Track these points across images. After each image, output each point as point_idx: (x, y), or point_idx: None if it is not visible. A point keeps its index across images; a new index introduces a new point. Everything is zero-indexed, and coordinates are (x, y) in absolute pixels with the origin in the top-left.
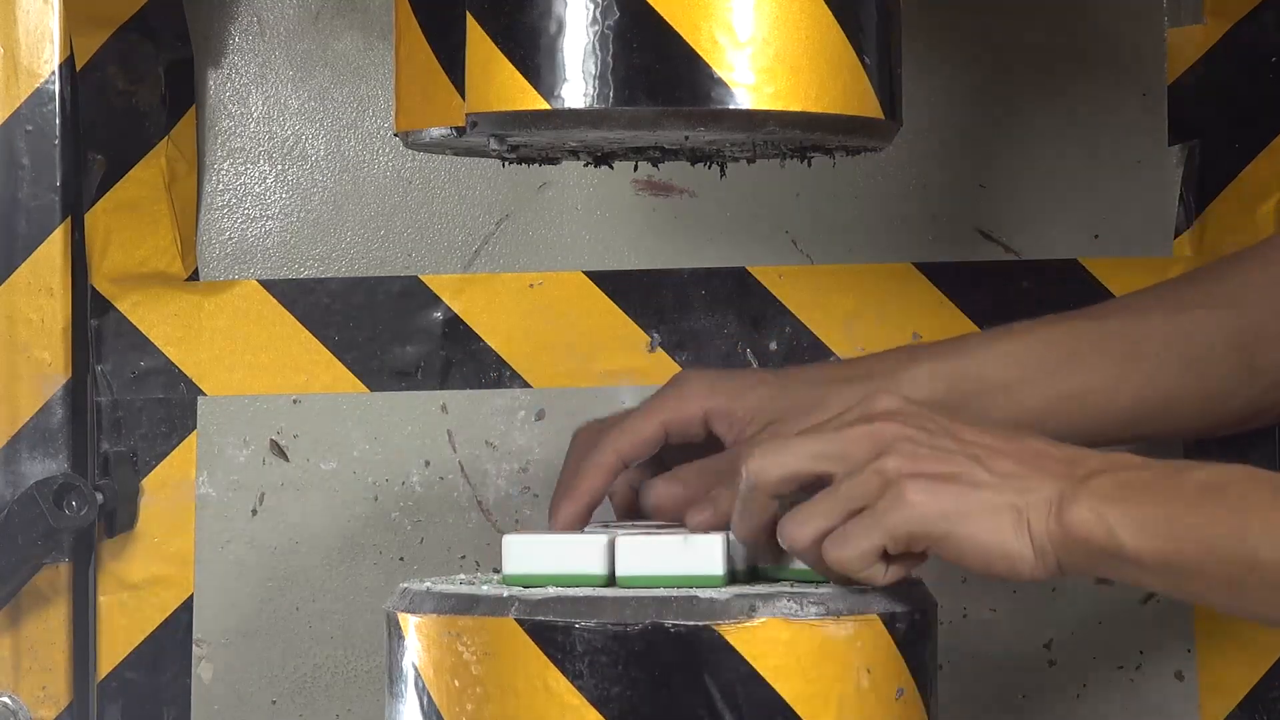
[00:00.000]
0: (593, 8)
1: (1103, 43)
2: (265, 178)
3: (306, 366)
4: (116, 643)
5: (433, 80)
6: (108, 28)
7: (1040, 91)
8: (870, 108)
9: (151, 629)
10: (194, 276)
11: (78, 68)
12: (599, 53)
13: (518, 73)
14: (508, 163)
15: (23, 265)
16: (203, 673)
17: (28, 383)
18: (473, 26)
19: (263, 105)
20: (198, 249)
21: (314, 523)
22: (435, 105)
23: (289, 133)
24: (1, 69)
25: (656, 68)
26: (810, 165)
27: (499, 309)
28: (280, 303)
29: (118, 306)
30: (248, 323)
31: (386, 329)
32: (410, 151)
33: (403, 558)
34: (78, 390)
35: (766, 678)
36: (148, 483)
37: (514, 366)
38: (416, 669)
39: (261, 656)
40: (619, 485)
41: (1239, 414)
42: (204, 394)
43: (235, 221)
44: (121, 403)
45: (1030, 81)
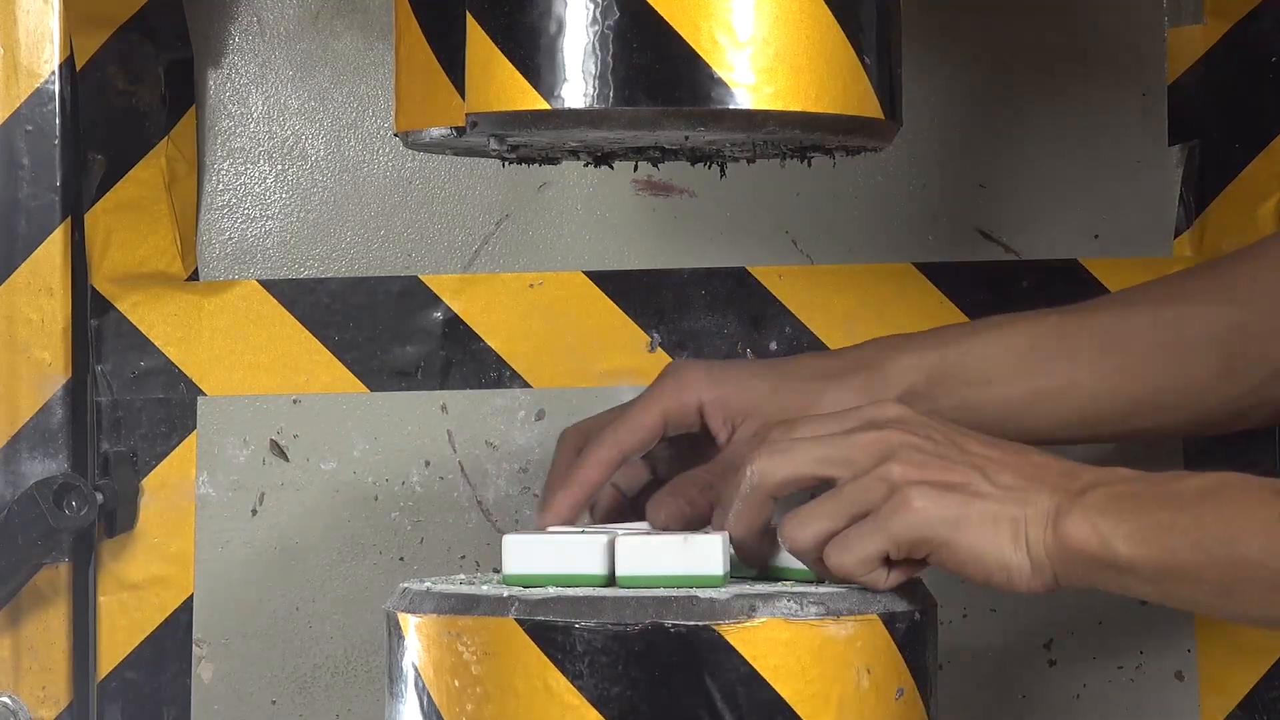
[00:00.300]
0: (593, 8)
1: (1103, 43)
2: (265, 178)
3: (306, 366)
4: (116, 643)
5: (433, 80)
6: (108, 28)
7: (1040, 91)
8: (870, 108)
9: (151, 629)
10: (194, 276)
11: (78, 68)
12: (599, 53)
13: (518, 73)
14: (508, 163)
15: (23, 265)
16: (203, 673)
17: (28, 383)
18: (473, 26)
19: (263, 105)
20: (198, 249)
21: (314, 523)
22: (435, 105)
23: (289, 133)
24: (1, 69)
25: (656, 68)
26: (810, 165)
27: (499, 309)
28: (280, 303)
29: (118, 306)
30: (248, 323)
31: (386, 329)
32: (410, 151)
33: (403, 558)
34: (78, 390)
35: (766, 678)
36: (148, 483)
37: (514, 366)
38: (416, 669)
39: (261, 656)
40: (604, 489)
41: (1223, 412)
42: (204, 394)
43: (235, 221)
44: (121, 403)
45: (1030, 81)
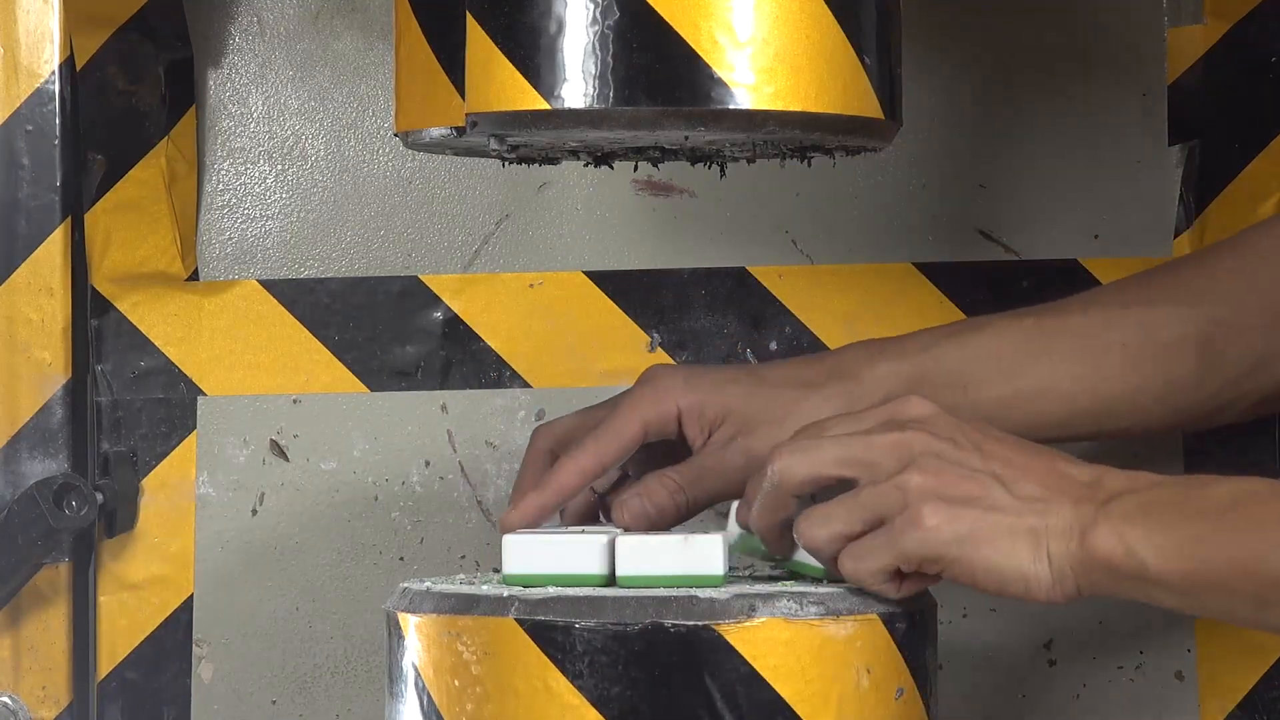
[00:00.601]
0: (593, 8)
1: (1103, 43)
2: (265, 178)
3: (306, 366)
4: (116, 643)
5: (433, 80)
6: (108, 28)
7: (1040, 91)
8: (870, 108)
9: (151, 629)
10: (194, 276)
11: (78, 68)
12: (599, 53)
13: (518, 73)
14: (508, 163)
15: (23, 265)
16: (203, 673)
17: (28, 383)
18: (473, 26)
19: (263, 105)
20: (198, 249)
21: (314, 523)
22: (435, 105)
23: (289, 133)
24: (1, 69)
25: (656, 68)
26: (810, 165)
27: (499, 309)
28: (280, 303)
29: (118, 306)
30: (248, 323)
31: (386, 329)
32: (410, 151)
33: (403, 558)
34: (78, 390)
35: (766, 678)
36: (148, 483)
37: (514, 366)
38: (416, 669)
39: (261, 656)
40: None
41: (1201, 409)
42: (204, 394)
43: (235, 221)
44: (121, 403)
45: (1030, 81)
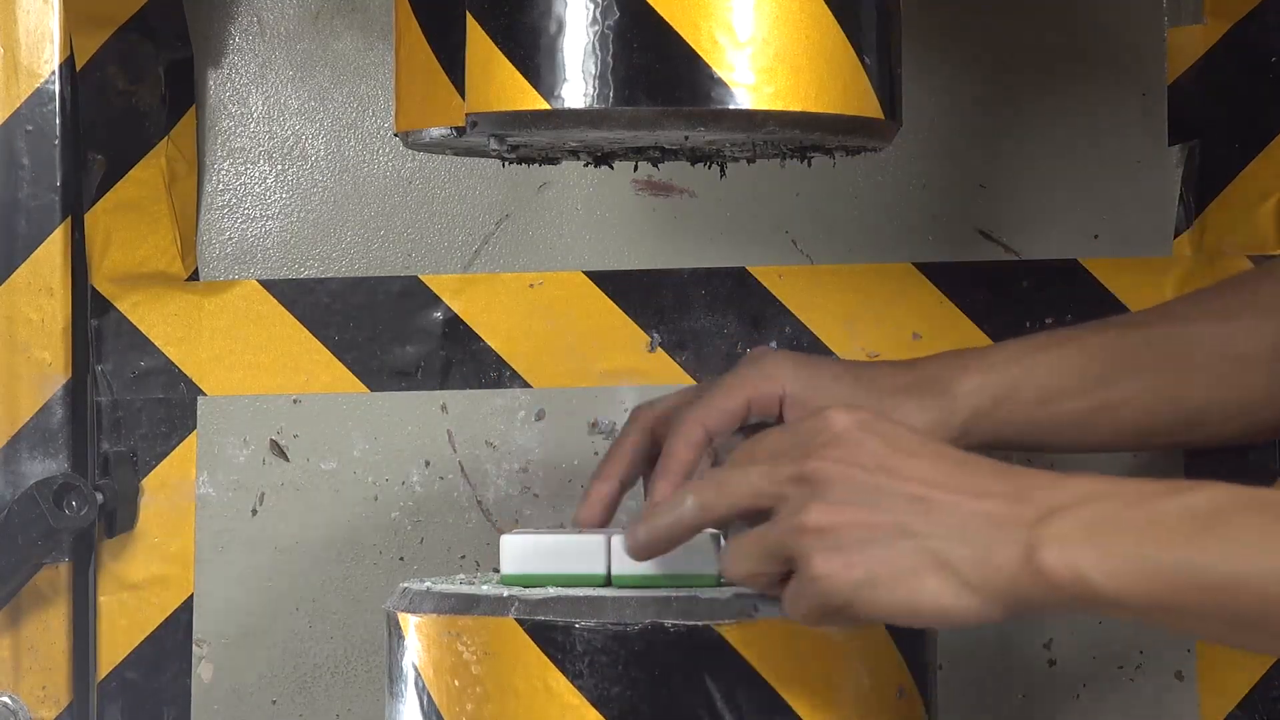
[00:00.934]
0: (593, 8)
1: (1103, 43)
2: (265, 178)
3: (306, 366)
4: (116, 643)
5: (433, 80)
6: (108, 28)
7: (1040, 91)
8: (870, 108)
9: (151, 629)
10: (194, 276)
11: (78, 68)
12: (599, 53)
13: (518, 73)
14: (508, 163)
15: (23, 265)
16: (203, 673)
17: (28, 383)
18: (473, 26)
19: (263, 105)
20: (198, 249)
21: (314, 522)
22: (435, 105)
23: (289, 133)
24: (1, 69)
25: (656, 68)
26: (810, 165)
27: (499, 309)
28: (280, 303)
29: (118, 306)
30: (248, 323)
31: (386, 329)
32: (410, 151)
33: (403, 558)
34: (78, 390)
35: (766, 678)
36: (148, 483)
37: (514, 366)
38: (416, 669)
39: (261, 656)
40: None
41: (1278, 421)
42: (204, 394)
43: (235, 221)
44: (121, 403)
45: (1030, 81)
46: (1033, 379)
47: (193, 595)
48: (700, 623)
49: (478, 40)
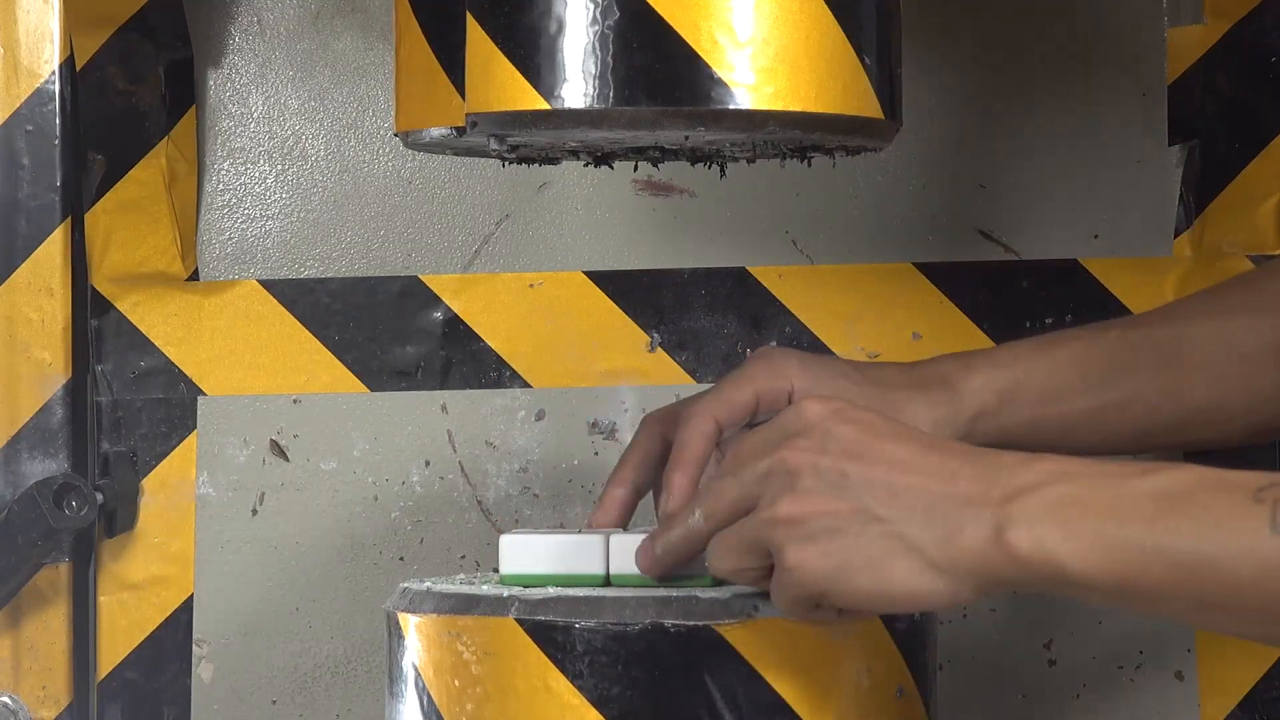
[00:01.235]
0: (593, 8)
1: (1103, 43)
2: (265, 178)
3: (306, 366)
4: (116, 643)
5: (433, 80)
6: (108, 28)
7: (1040, 92)
8: (870, 108)
9: (151, 629)
10: (194, 276)
11: (78, 68)
12: (599, 53)
13: (518, 73)
14: (508, 163)
15: (23, 265)
16: (203, 673)
17: (28, 383)
18: (473, 26)
19: (263, 105)
20: (198, 249)
21: (314, 523)
22: (435, 105)
23: (289, 133)
24: (1, 69)
25: (656, 68)
26: (810, 165)
27: (499, 309)
28: (280, 303)
29: (118, 306)
30: (248, 323)
31: (386, 329)
32: (410, 151)
33: (403, 558)
34: (78, 390)
35: (766, 678)
36: (148, 483)
37: (514, 366)
38: (416, 669)
39: (261, 656)
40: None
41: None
42: (204, 394)
43: (235, 221)
44: (121, 403)
45: (1030, 82)
46: (1036, 378)
47: (193, 595)
48: (700, 623)
49: (478, 40)
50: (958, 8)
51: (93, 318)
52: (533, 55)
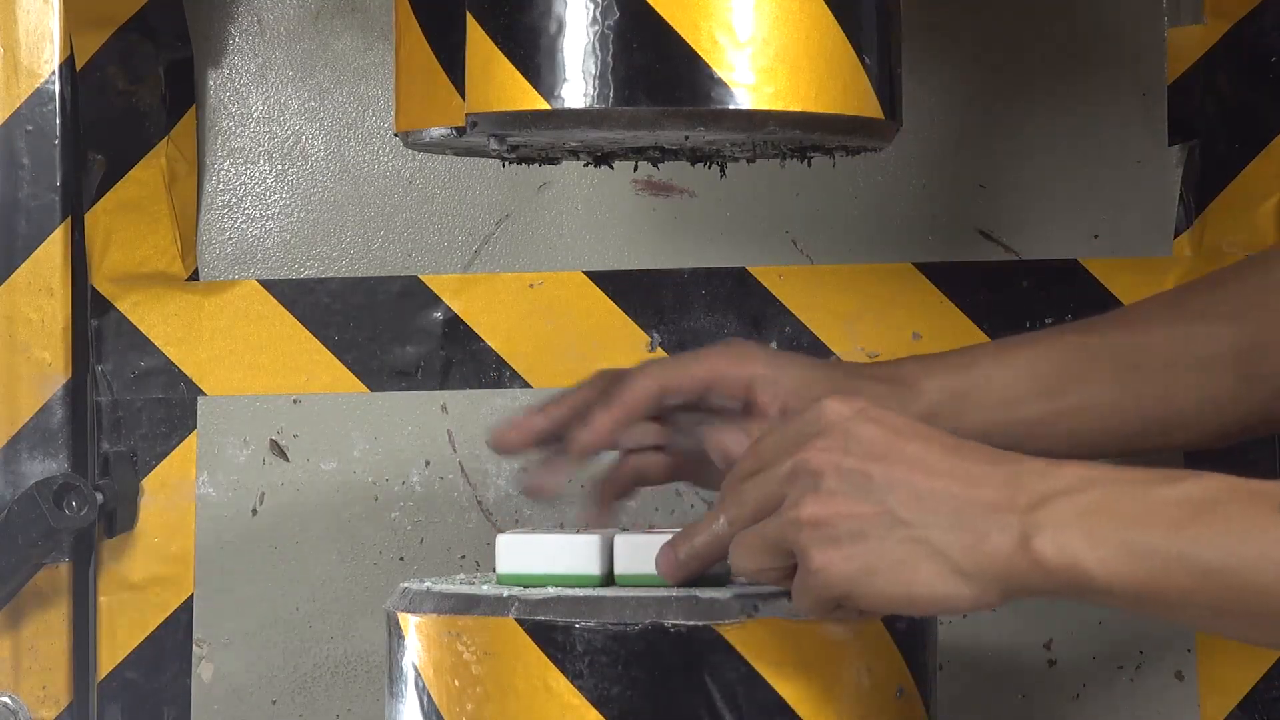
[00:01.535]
0: (593, 8)
1: (1103, 43)
2: (265, 178)
3: (306, 366)
4: (116, 643)
5: (433, 80)
6: (108, 28)
7: (1040, 92)
8: (870, 108)
9: (151, 629)
10: (194, 276)
11: (78, 68)
12: (599, 53)
13: (518, 73)
14: (508, 163)
15: (23, 265)
16: (203, 673)
17: (28, 383)
18: (473, 26)
19: (263, 105)
20: (198, 249)
21: (314, 523)
22: (435, 105)
23: (289, 133)
24: (1, 69)
25: (656, 68)
26: (810, 165)
27: (499, 309)
28: (280, 303)
29: (118, 306)
30: (248, 323)
31: (386, 329)
32: (410, 151)
33: (403, 558)
34: (78, 390)
35: (766, 678)
36: (148, 483)
37: (514, 366)
38: (416, 669)
39: (261, 656)
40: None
41: (1239, 425)
42: (204, 394)
43: (235, 221)
44: (121, 403)
45: (1030, 81)
46: (991, 383)
47: (193, 595)
48: (700, 623)
49: (478, 40)
50: (958, 8)
51: (93, 318)
52: (533, 55)
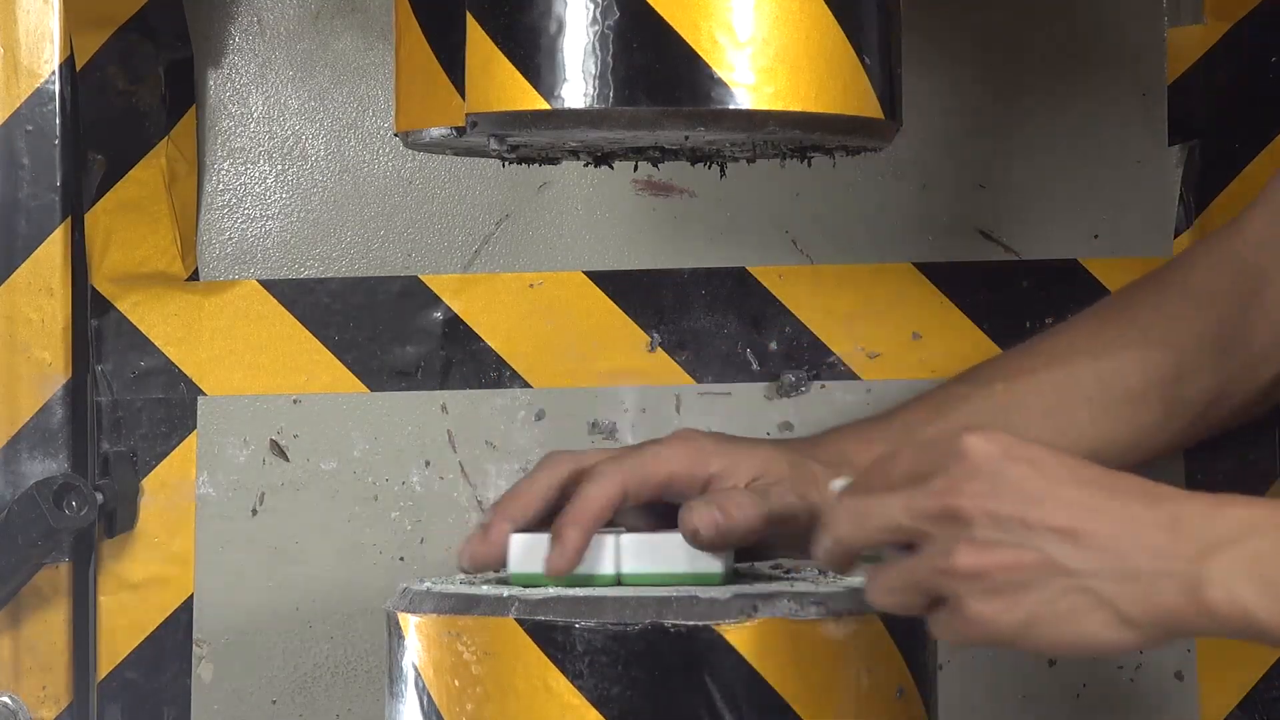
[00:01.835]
0: (593, 8)
1: (1103, 43)
2: (265, 178)
3: (306, 366)
4: (116, 643)
5: (433, 80)
6: (108, 28)
7: (1040, 92)
8: (870, 108)
9: (151, 629)
10: (194, 276)
11: (78, 68)
12: (599, 53)
13: (518, 73)
14: (508, 163)
15: (23, 265)
16: (203, 673)
17: (28, 383)
18: (473, 26)
19: (263, 105)
20: (198, 249)
21: (314, 523)
22: (435, 105)
23: (289, 133)
24: (1, 69)
25: (656, 68)
26: (810, 165)
27: (499, 309)
28: (280, 303)
29: (118, 306)
30: (248, 323)
31: (386, 329)
32: (410, 151)
33: (403, 558)
34: (78, 390)
35: (766, 678)
36: (148, 483)
37: (514, 366)
38: (416, 669)
39: (261, 656)
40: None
41: (1168, 446)
42: (204, 394)
43: (235, 221)
44: (121, 403)
45: (1030, 81)
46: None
47: (193, 595)
48: (700, 623)
49: (478, 40)
50: (957, 8)
51: (93, 318)
52: (533, 55)
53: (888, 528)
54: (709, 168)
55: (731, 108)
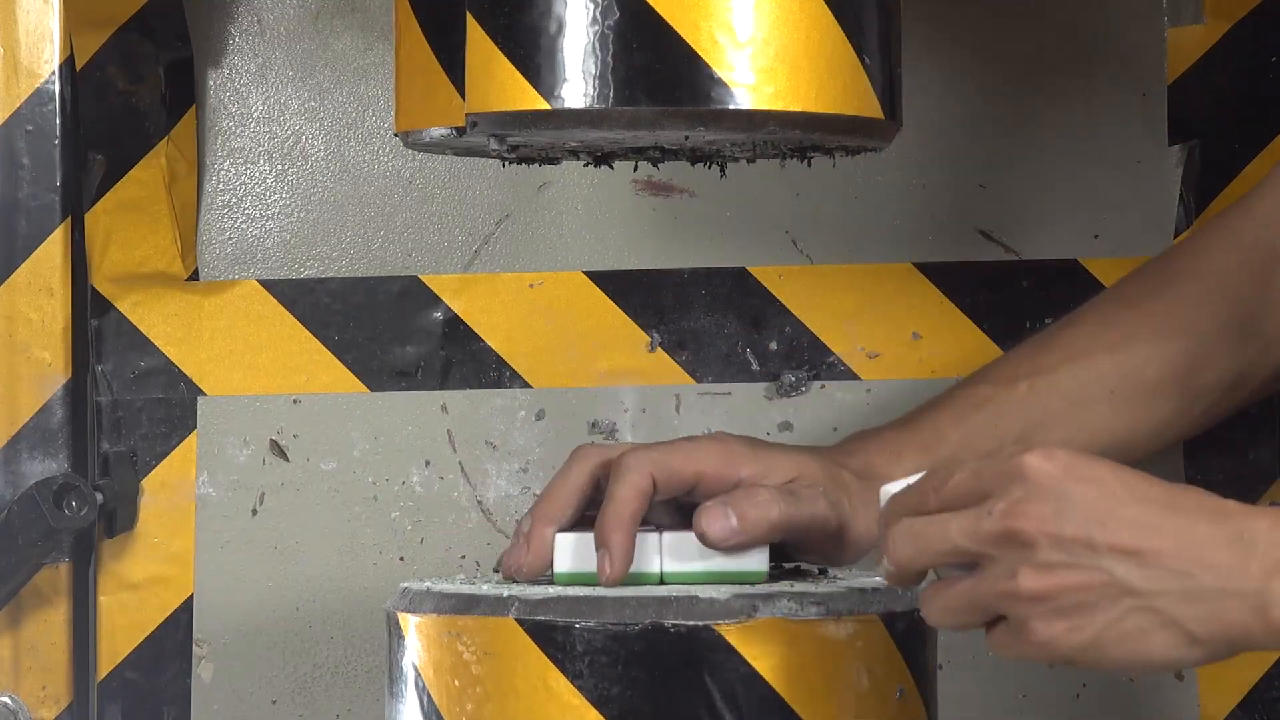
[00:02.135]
0: (593, 8)
1: (1103, 43)
2: (265, 178)
3: (306, 366)
4: (116, 643)
5: (433, 80)
6: (108, 28)
7: (1040, 91)
8: (870, 108)
9: (151, 629)
10: (194, 276)
11: (78, 68)
12: (599, 53)
13: (518, 73)
14: (508, 163)
15: (23, 265)
16: (203, 673)
17: (28, 383)
18: (473, 26)
19: (263, 105)
20: (198, 249)
21: (314, 523)
22: (435, 105)
23: (289, 133)
24: (1, 69)
25: (656, 68)
26: (810, 165)
27: (499, 309)
28: (280, 303)
29: (118, 306)
30: (248, 323)
31: (386, 329)
32: (410, 151)
33: (403, 558)
34: (78, 390)
35: (766, 678)
36: (148, 483)
37: (514, 366)
38: (416, 669)
39: (261, 656)
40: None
41: (1186, 434)
42: (204, 394)
43: (235, 221)
44: (121, 403)
45: (1030, 81)
46: (960, 454)
47: (193, 595)
48: (700, 623)
49: (478, 40)
50: (958, 8)
51: (93, 318)
52: (533, 55)
53: (949, 551)
54: (709, 168)
55: (731, 108)
